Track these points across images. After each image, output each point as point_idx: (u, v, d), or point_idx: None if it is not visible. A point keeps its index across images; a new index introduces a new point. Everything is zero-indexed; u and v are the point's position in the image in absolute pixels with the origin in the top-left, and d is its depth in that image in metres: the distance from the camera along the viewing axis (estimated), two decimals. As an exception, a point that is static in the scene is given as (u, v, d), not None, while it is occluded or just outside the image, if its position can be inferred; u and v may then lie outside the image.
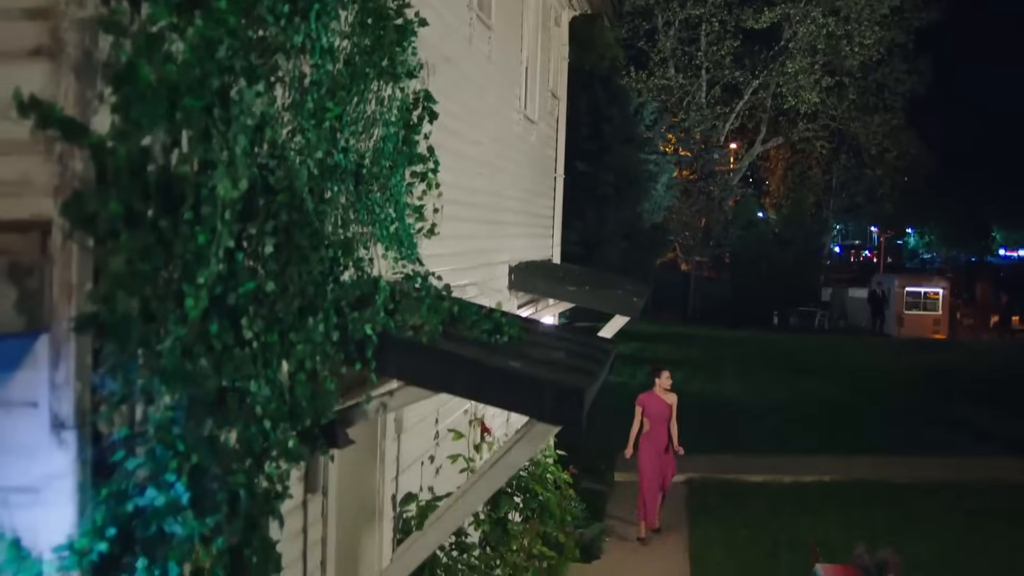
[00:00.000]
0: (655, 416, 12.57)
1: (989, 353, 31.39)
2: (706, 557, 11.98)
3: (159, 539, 3.02)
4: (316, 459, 4.78)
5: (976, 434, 19.60)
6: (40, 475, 2.98)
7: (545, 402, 4.38)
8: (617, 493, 14.44)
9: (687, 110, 40.73)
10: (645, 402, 12.72)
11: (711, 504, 14.27)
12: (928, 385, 25.80)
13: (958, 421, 20.99)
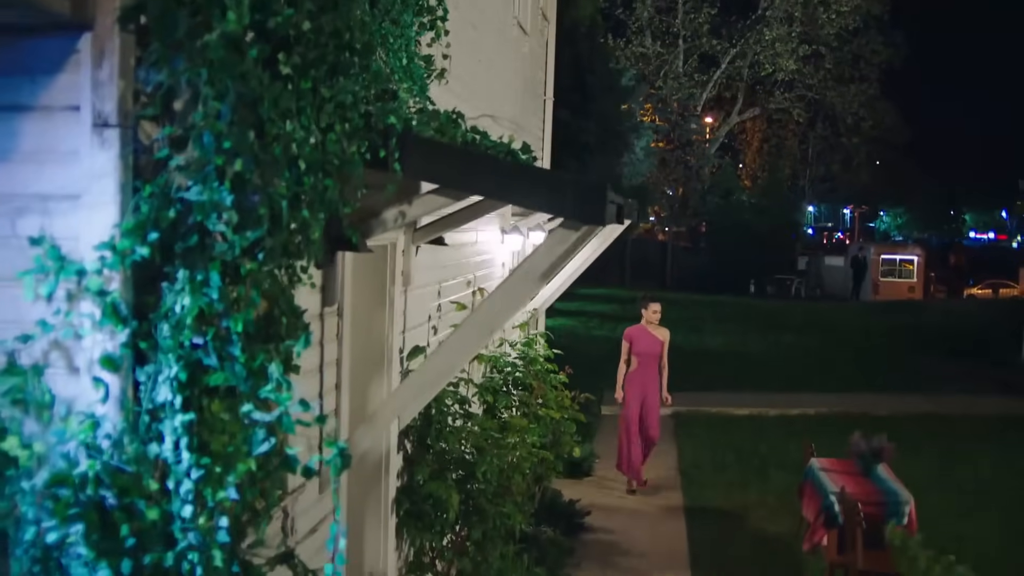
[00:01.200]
0: (644, 353, 11.32)
1: (959, 313, 31.76)
2: (696, 474, 12.08)
3: (200, 250, 3.00)
4: (333, 269, 4.77)
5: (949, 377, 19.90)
6: (81, 179, 2.96)
7: (568, 198, 4.39)
8: (604, 424, 14.53)
9: (664, 79, 40.80)
10: (633, 336, 11.44)
11: (698, 432, 14.38)
12: (900, 336, 26.10)
13: (930, 367, 21.25)
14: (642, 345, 11.36)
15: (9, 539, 2.88)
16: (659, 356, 11.37)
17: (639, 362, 11.33)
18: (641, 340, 11.38)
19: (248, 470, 3.12)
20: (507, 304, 4.84)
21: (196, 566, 2.93)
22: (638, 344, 11.37)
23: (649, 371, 11.32)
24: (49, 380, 2.98)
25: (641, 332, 11.45)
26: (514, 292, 4.80)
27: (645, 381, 11.31)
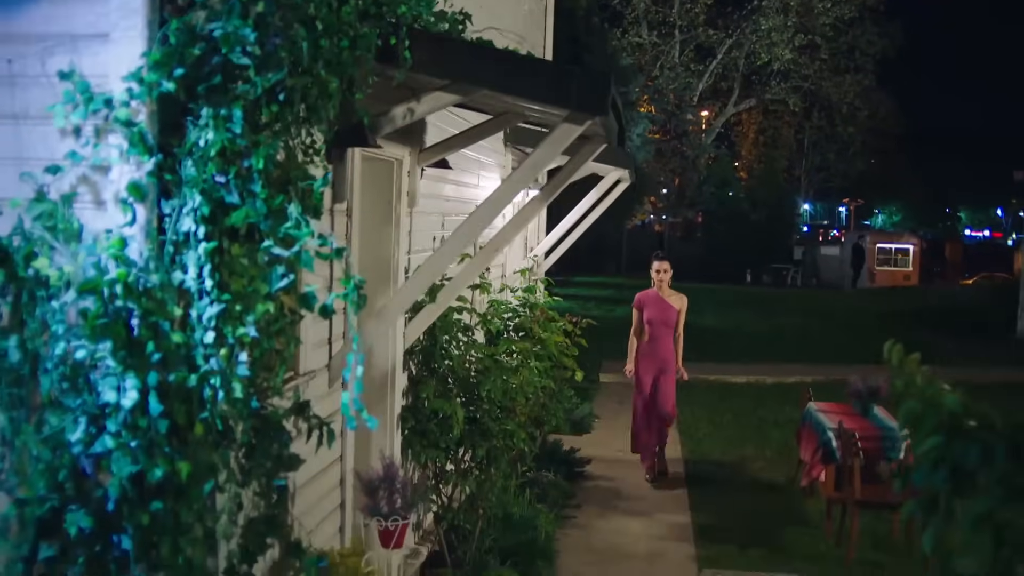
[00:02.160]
0: (656, 322, 9.76)
1: (956, 296, 31.99)
2: (694, 432, 12.19)
3: (223, 89, 3.11)
4: (343, 167, 4.88)
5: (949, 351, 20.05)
6: (111, 16, 3.08)
7: (572, 89, 4.52)
8: (603, 390, 14.66)
9: (661, 69, 40.93)
10: (644, 303, 9.87)
11: (696, 396, 14.48)
12: (899, 316, 26.26)
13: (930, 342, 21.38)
14: (654, 312, 9.77)
15: (40, 358, 2.98)
16: (674, 326, 9.79)
17: (651, 333, 9.76)
18: (653, 307, 9.79)
19: (267, 311, 3.22)
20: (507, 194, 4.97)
21: (218, 390, 3.04)
22: (650, 311, 9.78)
23: (662, 343, 9.76)
24: (78, 212, 3.08)
25: (653, 298, 9.84)
26: (515, 185, 4.93)
27: (658, 355, 9.76)
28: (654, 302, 9.82)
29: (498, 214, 4.95)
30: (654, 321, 9.76)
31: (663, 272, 9.82)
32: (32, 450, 2.95)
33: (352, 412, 3.24)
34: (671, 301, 9.83)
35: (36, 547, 2.98)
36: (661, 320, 9.76)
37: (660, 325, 9.77)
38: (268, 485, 3.42)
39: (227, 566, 3.28)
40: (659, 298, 9.82)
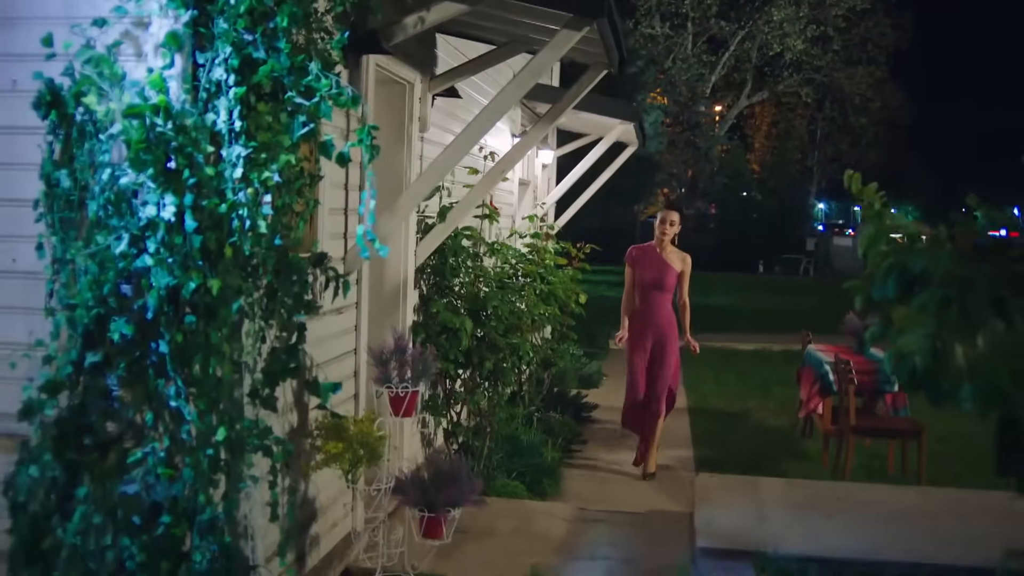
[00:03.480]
0: (650, 282, 8.03)
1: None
2: (701, 387, 12.52)
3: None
4: (359, 74, 5.24)
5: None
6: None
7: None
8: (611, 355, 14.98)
9: (673, 61, 41.18)
10: (636, 259, 8.19)
11: (703, 360, 14.74)
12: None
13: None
14: (648, 271, 8.03)
15: (88, 189, 3.35)
16: (671, 289, 8.10)
17: (642, 295, 8.08)
18: (648, 265, 8.06)
19: (288, 161, 3.59)
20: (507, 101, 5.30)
21: (245, 220, 3.40)
22: (643, 270, 8.08)
23: (658, 308, 8.03)
24: (121, 62, 3.45)
25: (649, 255, 8.12)
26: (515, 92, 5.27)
27: (652, 321, 8.02)
28: (650, 260, 8.07)
29: (498, 119, 5.29)
30: (647, 282, 8.04)
31: (669, 225, 8.09)
32: (81, 265, 3.32)
33: (366, 242, 3.60)
34: (670, 260, 8.04)
35: (83, 355, 3.35)
36: (655, 281, 8.02)
37: (653, 287, 8.03)
38: (289, 322, 3.78)
39: (251, 389, 3.64)
40: (656, 255, 8.06)
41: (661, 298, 8.09)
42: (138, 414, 3.37)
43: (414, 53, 6.21)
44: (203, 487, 3.35)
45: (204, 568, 3.34)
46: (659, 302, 8.09)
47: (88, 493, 3.34)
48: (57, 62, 3.43)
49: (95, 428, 3.36)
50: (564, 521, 6.25)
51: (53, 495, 3.39)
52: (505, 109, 5.30)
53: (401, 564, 5.01)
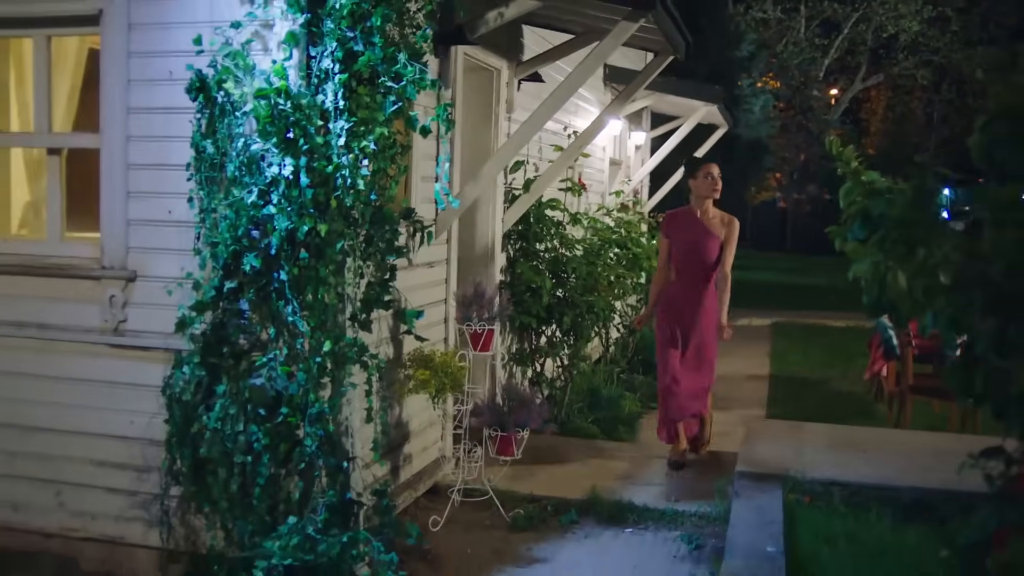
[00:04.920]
0: (688, 251, 6.78)
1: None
2: (786, 357, 13.10)
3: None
4: (447, 63, 6.13)
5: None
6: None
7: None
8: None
9: (785, 45, 41.07)
10: (674, 225, 6.93)
11: (793, 334, 15.36)
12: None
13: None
14: (686, 239, 6.78)
15: (226, 155, 4.33)
16: (714, 262, 6.73)
17: (679, 268, 6.84)
18: (686, 231, 6.81)
19: (383, 133, 4.50)
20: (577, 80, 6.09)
21: (347, 179, 4.33)
22: (680, 238, 6.83)
23: (696, 285, 6.75)
24: (252, 57, 4.42)
25: (687, 220, 6.84)
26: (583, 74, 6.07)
27: (690, 300, 6.75)
28: (688, 225, 6.80)
29: (569, 96, 6.08)
30: (685, 252, 6.76)
31: (709, 179, 6.73)
32: (221, 212, 4.30)
33: (442, 196, 4.49)
34: (712, 226, 6.73)
35: (223, 283, 4.33)
36: (694, 250, 6.72)
37: (692, 258, 6.73)
38: (382, 263, 4.70)
39: (351, 314, 4.58)
40: (696, 220, 6.77)
41: (702, 274, 6.71)
42: (263, 329, 4.35)
43: (501, 43, 7.07)
44: (313, 387, 4.31)
45: (312, 450, 4.30)
46: (699, 279, 6.71)
47: (225, 390, 4.33)
48: (204, 57, 4.42)
49: (231, 340, 4.36)
50: (629, 457, 7.06)
51: (199, 391, 4.39)
52: (572, 91, 6.10)
53: (479, 479, 5.91)
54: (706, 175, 6.82)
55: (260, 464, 4.31)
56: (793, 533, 4.88)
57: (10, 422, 5.02)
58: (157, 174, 4.66)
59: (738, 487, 5.54)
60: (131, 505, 4.78)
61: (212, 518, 4.47)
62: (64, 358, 4.89)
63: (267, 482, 4.32)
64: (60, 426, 4.91)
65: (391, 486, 5.30)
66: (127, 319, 4.77)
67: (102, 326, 4.81)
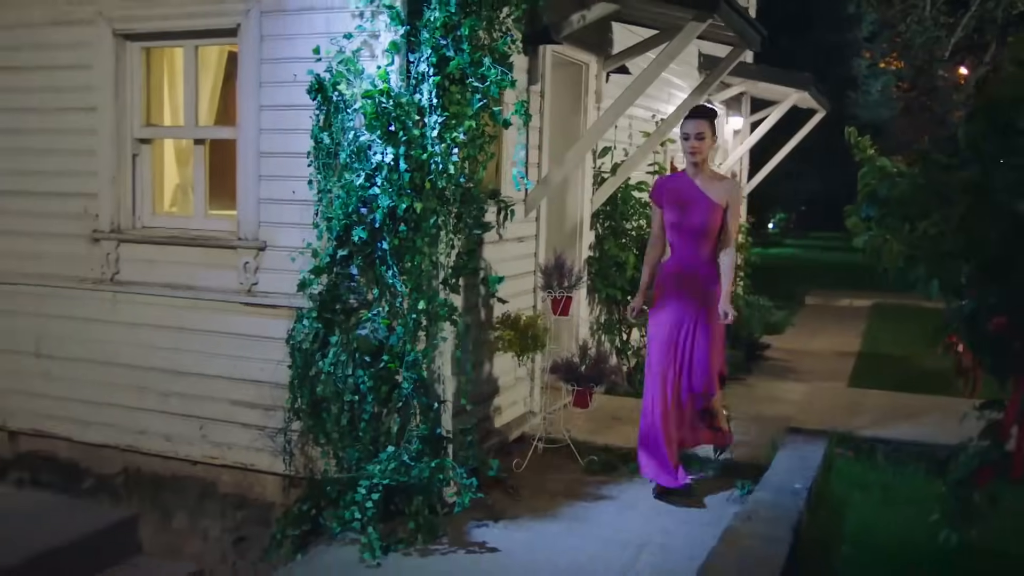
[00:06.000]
0: (681, 222, 5.73)
1: None
2: (879, 336, 13.47)
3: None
4: (536, 59, 6.88)
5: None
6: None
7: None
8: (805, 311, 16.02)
9: (908, 24, 40.35)
10: (664, 193, 5.84)
11: (892, 314, 15.62)
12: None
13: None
14: (676, 207, 5.73)
15: (339, 145, 5.20)
16: (713, 232, 5.69)
17: (672, 245, 5.84)
18: (676, 199, 5.75)
19: (471, 126, 5.30)
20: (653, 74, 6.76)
21: (440, 164, 5.15)
22: (671, 205, 5.77)
23: (692, 263, 5.73)
24: (361, 62, 5.27)
25: (678, 185, 5.80)
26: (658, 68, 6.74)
27: (684, 281, 5.73)
28: (681, 190, 5.73)
29: (646, 88, 6.76)
30: (678, 221, 5.73)
31: (696, 139, 5.63)
32: (335, 192, 5.18)
33: (519, 180, 5.29)
34: (708, 190, 5.66)
35: (336, 251, 5.22)
36: (686, 221, 5.70)
37: (686, 229, 5.71)
38: (470, 236, 5.52)
39: (443, 278, 5.41)
40: (689, 184, 5.72)
41: (697, 247, 5.69)
42: (369, 290, 5.23)
43: (589, 39, 7.79)
44: (409, 339, 5.16)
45: (408, 392, 5.16)
46: (694, 252, 5.70)
47: (337, 340, 5.23)
48: (321, 63, 5.30)
49: (342, 298, 5.25)
50: (701, 416, 7.73)
51: (316, 342, 5.30)
52: (647, 85, 6.79)
53: (559, 430, 6.69)
54: (684, 135, 5.70)
55: (365, 402, 5.19)
56: (827, 479, 5.51)
57: (164, 367, 6.04)
58: (283, 160, 5.58)
59: (787, 440, 6.18)
60: (260, 438, 5.73)
61: (326, 448, 5.38)
62: (207, 314, 5.88)
63: (371, 418, 5.20)
64: (204, 371, 5.91)
65: (479, 430, 6.13)
66: (258, 282, 5.72)
67: (238, 288, 5.78)
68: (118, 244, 6.19)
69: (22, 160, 6.50)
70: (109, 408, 6.26)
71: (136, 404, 6.16)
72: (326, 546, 5.03)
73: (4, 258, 6.59)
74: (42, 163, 6.42)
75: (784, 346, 12.39)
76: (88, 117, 6.19)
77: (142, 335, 6.12)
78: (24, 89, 6.44)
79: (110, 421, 6.26)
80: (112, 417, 6.25)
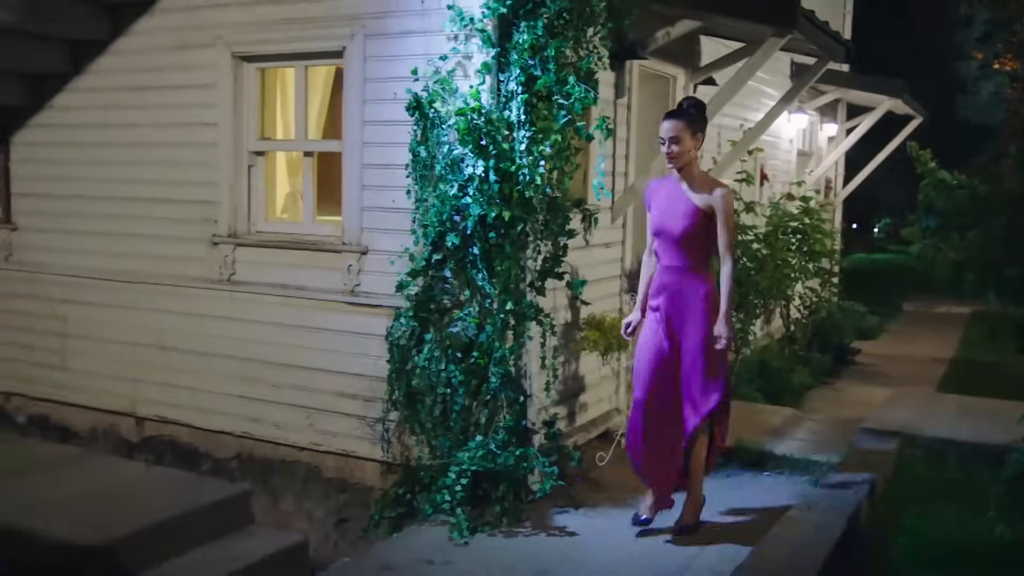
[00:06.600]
0: (663, 228, 5.18)
1: None
2: (976, 343, 13.42)
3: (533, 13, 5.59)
4: (622, 73, 7.25)
5: None
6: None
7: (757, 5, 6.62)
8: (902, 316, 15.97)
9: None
10: (651, 195, 5.36)
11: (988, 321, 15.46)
12: None
13: None
14: (661, 214, 5.20)
15: (435, 158, 5.66)
16: (690, 239, 5.08)
17: (658, 253, 5.27)
18: (660, 202, 5.25)
19: (557, 140, 5.70)
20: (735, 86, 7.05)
21: (527, 176, 5.56)
22: (657, 208, 5.26)
23: (674, 273, 5.16)
24: (455, 81, 5.72)
25: (663, 187, 5.30)
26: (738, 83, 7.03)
27: (670, 295, 5.15)
28: (666, 193, 5.23)
29: (728, 100, 7.06)
30: (658, 230, 5.22)
31: (671, 144, 5.07)
32: (430, 202, 5.64)
33: (599, 190, 5.67)
34: (692, 194, 5.09)
35: (431, 255, 5.67)
36: (666, 223, 5.15)
37: (666, 235, 5.16)
38: (555, 241, 5.91)
39: (530, 281, 5.82)
40: (676, 187, 5.17)
41: (679, 255, 5.11)
42: (461, 291, 5.68)
43: (677, 52, 8.11)
44: (498, 337, 5.59)
45: (496, 386, 5.59)
46: (677, 262, 5.13)
47: (432, 337, 5.69)
48: (419, 82, 5.77)
49: (436, 299, 5.71)
50: (781, 417, 7.98)
51: (412, 338, 5.77)
52: (729, 97, 7.09)
53: (642, 426, 7.02)
54: (660, 139, 5.15)
55: (456, 395, 5.64)
56: (895, 476, 5.75)
57: (275, 360, 6.60)
58: (384, 172, 6.07)
59: (858, 439, 6.42)
60: (360, 426, 6.23)
61: (420, 436, 5.85)
62: (314, 312, 6.41)
63: (461, 409, 5.65)
64: (310, 364, 6.44)
65: (565, 424, 6.52)
66: (360, 283, 6.22)
67: (342, 288, 6.29)
68: (235, 247, 6.77)
69: (152, 170, 7.15)
70: (225, 398, 6.84)
71: (250, 394, 6.74)
72: (418, 526, 5.48)
73: (134, 259, 7.25)
74: (169, 174, 7.05)
75: (876, 351, 12.48)
76: (210, 132, 6.79)
77: (255, 331, 6.69)
78: (156, 106, 7.08)
79: (226, 410, 6.85)
80: (228, 406, 6.84)
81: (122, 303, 7.32)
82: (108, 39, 7.22)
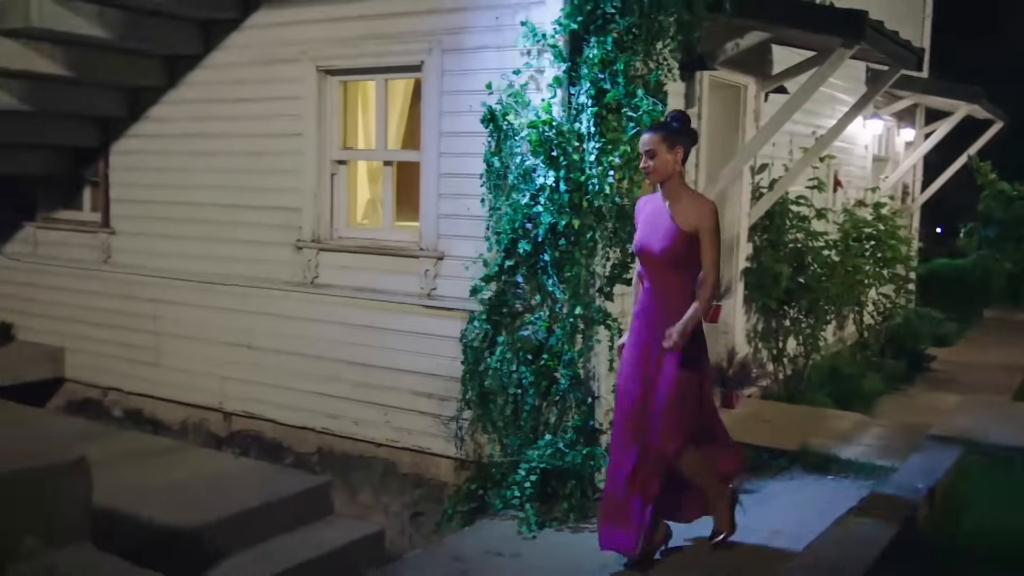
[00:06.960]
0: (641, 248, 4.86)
1: None
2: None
3: (603, 28, 5.81)
4: (692, 84, 7.43)
5: None
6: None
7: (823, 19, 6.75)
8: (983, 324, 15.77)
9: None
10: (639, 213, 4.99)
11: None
12: None
13: None
14: (641, 233, 4.90)
15: (508, 168, 5.91)
16: (676, 261, 4.75)
17: (642, 275, 4.95)
18: (645, 221, 4.91)
19: (625, 151, 5.91)
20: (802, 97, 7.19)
21: (596, 185, 5.78)
22: (640, 226, 4.93)
23: (655, 295, 4.85)
24: (528, 94, 5.97)
25: (652, 205, 4.92)
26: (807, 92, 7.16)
27: (650, 318, 4.84)
28: (650, 211, 4.92)
29: (797, 109, 7.21)
30: (640, 248, 4.88)
31: (646, 158, 4.78)
32: (503, 210, 5.90)
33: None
34: (676, 213, 4.75)
35: (504, 261, 5.93)
36: (646, 243, 4.84)
37: (646, 256, 4.85)
38: (624, 248, 6.12)
39: (598, 287, 6.04)
40: (659, 205, 4.86)
41: (660, 277, 4.82)
42: (532, 296, 5.92)
43: (748, 62, 8.24)
44: (567, 340, 5.82)
45: (565, 387, 5.83)
46: (658, 285, 4.83)
47: (504, 339, 5.95)
48: (493, 95, 6.03)
49: (508, 303, 5.97)
50: (849, 423, 8.06)
51: (485, 340, 6.03)
52: (798, 107, 7.23)
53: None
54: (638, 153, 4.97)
55: (527, 395, 5.89)
56: (958, 483, 5.83)
57: (354, 360, 6.92)
58: (459, 181, 6.34)
59: (923, 445, 6.50)
60: (435, 424, 6.52)
61: (491, 434, 6.11)
62: (392, 315, 6.72)
63: (531, 409, 5.89)
64: (388, 364, 6.74)
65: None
66: (436, 287, 6.51)
67: (419, 292, 6.58)
68: (318, 252, 7.11)
69: (240, 178, 7.54)
70: (307, 395, 7.19)
71: (330, 392, 7.07)
72: (489, 521, 5.74)
73: (222, 262, 7.65)
74: (256, 181, 7.44)
75: (952, 358, 12.38)
76: (296, 142, 7.14)
77: (336, 332, 7.02)
78: (244, 117, 7.47)
79: (308, 407, 7.19)
80: (310, 403, 7.18)
81: (211, 304, 7.73)
82: (201, 54, 7.63)
